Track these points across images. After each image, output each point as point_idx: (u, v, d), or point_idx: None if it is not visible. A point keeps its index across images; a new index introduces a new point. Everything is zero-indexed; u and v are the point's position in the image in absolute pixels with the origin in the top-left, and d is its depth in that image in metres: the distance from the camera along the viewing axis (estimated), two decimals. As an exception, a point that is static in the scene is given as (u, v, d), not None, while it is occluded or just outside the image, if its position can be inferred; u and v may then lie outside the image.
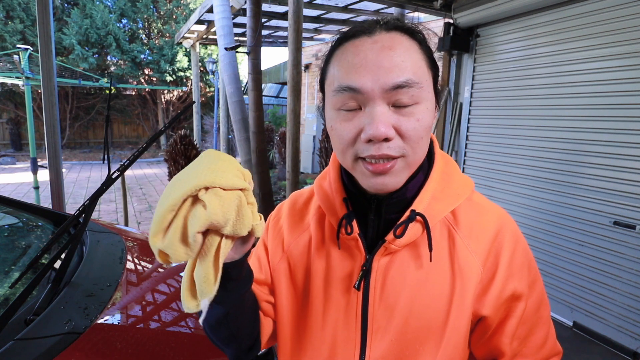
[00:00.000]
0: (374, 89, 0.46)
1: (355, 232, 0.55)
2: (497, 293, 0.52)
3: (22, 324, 0.83)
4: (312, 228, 0.62)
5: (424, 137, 0.49)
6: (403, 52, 0.47)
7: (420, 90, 0.47)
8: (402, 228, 0.52)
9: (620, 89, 2.18)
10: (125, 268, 1.20)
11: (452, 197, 0.55)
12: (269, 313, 0.63)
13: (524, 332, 0.55)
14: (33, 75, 4.27)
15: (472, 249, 0.53)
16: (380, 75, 0.46)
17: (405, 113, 0.47)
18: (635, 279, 2.17)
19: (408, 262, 0.54)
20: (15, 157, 10.76)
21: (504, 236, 0.54)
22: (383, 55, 0.46)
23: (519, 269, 0.54)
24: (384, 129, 0.46)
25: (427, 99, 0.49)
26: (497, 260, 0.53)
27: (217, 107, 6.48)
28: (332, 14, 5.32)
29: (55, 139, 2.28)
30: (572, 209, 2.47)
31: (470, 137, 3.19)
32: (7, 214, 1.49)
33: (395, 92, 0.46)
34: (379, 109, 0.46)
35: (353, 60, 0.47)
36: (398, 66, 0.46)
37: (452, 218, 0.55)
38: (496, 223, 0.55)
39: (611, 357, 2.21)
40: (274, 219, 0.68)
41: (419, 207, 0.53)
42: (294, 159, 3.16)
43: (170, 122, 0.79)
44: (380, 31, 0.48)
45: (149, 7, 12.23)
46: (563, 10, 2.44)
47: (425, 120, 0.48)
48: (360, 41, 0.48)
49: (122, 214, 4.53)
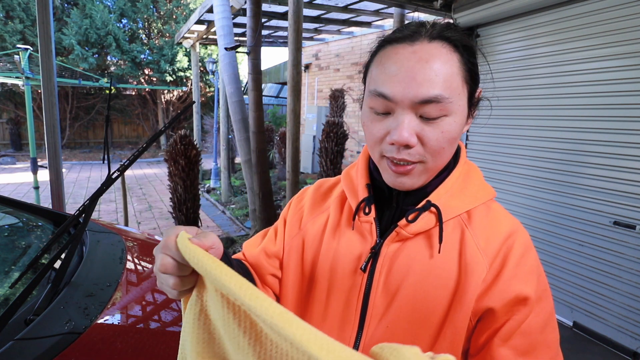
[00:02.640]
0: (403, 100, 0.49)
1: (372, 215, 0.58)
2: (502, 288, 0.51)
3: (22, 324, 0.83)
4: (331, 209, 0.65)
5: (446, 147, 0.51)
6: (439, 66, 0.48)
7: (449, 104, 0.49)
8: (415, 214, 0.54)
9: (620, 89, 2.18)
10: (125, 268, 1.20)
11: (469, 197, 0.57)
12: (273, 287, 0.66)
13: (522, 346, 0.50)
14: (33, 75, 4.27)
15: (481, 248, 0.53)
16: (411, 88, 0.48)
17: (432, 124, 0.50)
18: (635, 279, 2.17)
19: (417, 252, 0.55)
20: (15, 157, 10.75)
21: (514, 240, 0.54)
22: (418, 68, 0.48)
23: (526, 273, 0.52)
24: (407, 135, 0.49)
25: (456, 113, 0.50)
26: (504, 261, 0.53)
27: (217, 107, 6.48)
28: (332, 14, 5.32)
29: (55, 139, 2.28)
30: (572, 209, 2.47)
31: (470, 137, 3.19)
32: (7, 214, 1.49)
33: (423, 106, 0.48)
34: (405, 117, 0.49)
35: (390, 68, 0.50)
36: (430, 80, 0.48)
37: (466, 217, 0.56)
38: (509, 228, 0.55)
39: (611, 357, 2.21)
40: (297, 198, 0.72)
41: (435, 200, 0.55)
42: (294, 159, 3.16)
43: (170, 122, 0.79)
44: (423, 40, 0.50)
45: (149, 7, 12.23)
46: (563, 10, 2.44)
47: (450, 132, 0.50)
48: (401, 48, 0.50)
49: (122, 214, 4.53)
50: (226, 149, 6.15)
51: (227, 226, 4.91)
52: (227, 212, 5.52)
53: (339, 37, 7.27)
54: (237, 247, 4.08)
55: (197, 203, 3.60)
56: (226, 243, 4.10)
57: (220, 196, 6.33)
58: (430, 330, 0.53)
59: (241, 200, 5.82)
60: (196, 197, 3.59)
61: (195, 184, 3.56)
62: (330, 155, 5.23)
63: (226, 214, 5.50)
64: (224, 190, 6.18)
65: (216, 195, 6.52)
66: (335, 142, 5.21)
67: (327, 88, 7.62)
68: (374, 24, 5.94)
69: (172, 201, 3.54)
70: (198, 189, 3.62)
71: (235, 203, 5.84)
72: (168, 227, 0.44)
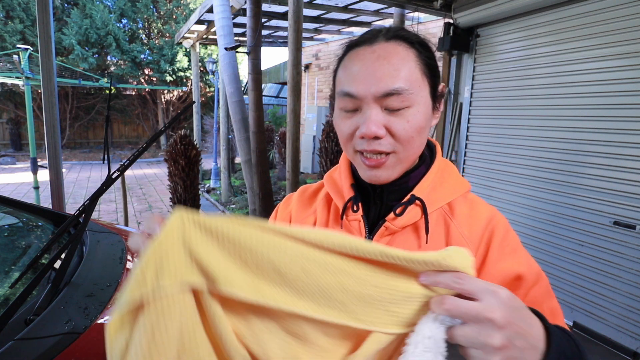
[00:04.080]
0: (366, 95, 0.53)
1: (360, 213, 0.60)
2: (491, 271, 0.53)
3: (22, 324, 0.82)
4: (318, 211, 0.67)
5: (415, 136, 0.54)
6: (397, 61, 0.52)
7: (411, 95, 0.52)
8: (402, 208, 0.57)
9: (620, 89, 2.18)
10: (125, 268, 1.20)
11: (449, 189, 0.60)
12: None
13: None
14: (33, 75, 4.27)
15: (465, 236, 0.56)
16: (372, 83, 0.52)
17: (397, 115, 0.53)
18: (635, 279, 2.17)
19: (405, 244, 0.57)
20: (15, 157, 10.76)
21: (496, 224, 0.58)
22: (377, 65, 0.52)
23: (510, 251, 0.55)
24: (375, 128, 0.52)
25: (419, 103, 0.54)
26: (488, 245, 0.56)
27: (217, 107, 6.47)
28: (332, 14, 5.32)
29: (55, 139, 2.28)
30: (572, 209, 2.47)
31: (470, 137, 3.19)
32: (7, 214, 1.49)
33: (386, 98, 0.52)
34: (371, 111, 0.53)
35: (353, 69, 0.54)
36: (389, 75, 0.52)
37: (448, 209, 0.60)
38: (488, 214, 0.59)
39: (611, 357, 2.21)
40: (283, 204, 0.75)
41: (419, 194, 0.58)
42: (294, 159, 3.16)
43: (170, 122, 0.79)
44: (380, 41, 0.54)
45: (149, 7, 12.23)
46: (563, 10, 2.44)
47: (415, 121, 0.54)
48: (362, 50, 0.54)
49: (122, 214, 4.53)
50: (226, 149, 6.15)
51: (227, 226, 4.91)
52: (227, 212, 5.52)
53: (339, 37, 7.27)
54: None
55: (197, 203, 3.61)
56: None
57: (220, 196, 6.33)
58: None
59: (241, 200, 5.82)
60: (196, 197, 3.59)
61: (195, 184, 3.56)
62: (330, 155, 5.23)
63: (226, 214, 5.50)
64: (224, 190, 6.18)
65: (216, 195, 6.52)
66: (335, 142, 5.21)
67: (327, 88, 7.62)
68: (374, 24, 5.94)
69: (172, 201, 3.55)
70: (198, 189, 3.62)
71: (235, 203, 5.84)
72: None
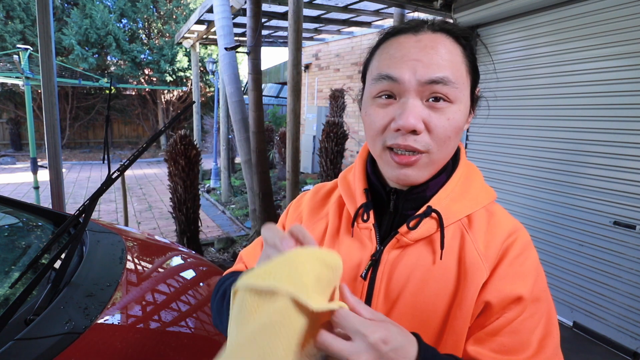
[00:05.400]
0: (410, 80, 0.48)
1: (371, 222, 0.56)
2: (496, 284, 0.50)
3: (22, 324, 0.82)
4: (330, 216, 0.63)
5: (452, 137, 0.50)
6: (444, 52, 0.49)
7: (455, 90, 0.49)
8: (416, 220, 0.53)
9: (620, 89, 2.18)
10: (125, 268, 1.20)
11: (470, 201, 0.55)
12: None
13: (508, 345, 0.48)
14: (33, 75, 4.27)
15: (481, 253, 0.52)
16: (418, 68, 0.47)
17: (438, 110, 0.49)
18: (635, 279, 2.17)
19: (417, 258, 0.53)
20: (15, 157, 10.75)
21: (514, 240, 0.53)
22: (424, 53, 0.48)
23: (522, 272, 0.51)
24: (414, 120, 0.47)
25: (461, 101, 0.50)
26: (501, 260, 0.52)
27: (217, 107, 6.47)
28: (332, 14, 5.32)
29: (55, 139, 2.28)
30: (572, 209, 2.47)
31: (470, 137, 3.19)
32: (7, 214, 1.49)
33: (431, 87, 0.48)
34: (412, 101, 0.48)
35: (395, 54, 0.50)
36: (437, 64, 0.48)
37: (467, 222, 0.55)
38: (509, 229, 0.54)
39: (611, 357, 2.21)
40: (295, 204, 0.71)
41: (436, 205, 0.54)
42: (294, 159, 3.16)
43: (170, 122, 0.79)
44: (426, 31, 0.50)
45: (149, 7, 12.22)
46: (563, 10, 2.44)
47: (455, 120, 0.50)
48: (405, 38, 0.50)
49: (122, 214, 4.53)
50: (226, 149, 6.15)
51: (227, 226, 4.91)
52: (227, 212, 5.52)
53: (339, 37, 7.27)
54: (237, 247, 4.09)
55: (197, 203, 3.60)
56: (226, 243, 4.11)
57: (220, 196, 6.33)
58: (431, 337, 0.52)
59: (241, 200, 5.82)
60: (196, 197, 3.58)
61: (195, 184, 3.55)
62: (330, 155, 5.23)
63: (226, 214, 5.50)
64: (224, 190, 6.18)
65: (216, 195, 6.52)
66: (335, 142, 5.21)
67: (327, 88, 7.62)
68: (374, 24, 5.94)
69: (172, 201, 3.54)
70: (198, 189, 3.62)
71: (235, 203, 5.84)
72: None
